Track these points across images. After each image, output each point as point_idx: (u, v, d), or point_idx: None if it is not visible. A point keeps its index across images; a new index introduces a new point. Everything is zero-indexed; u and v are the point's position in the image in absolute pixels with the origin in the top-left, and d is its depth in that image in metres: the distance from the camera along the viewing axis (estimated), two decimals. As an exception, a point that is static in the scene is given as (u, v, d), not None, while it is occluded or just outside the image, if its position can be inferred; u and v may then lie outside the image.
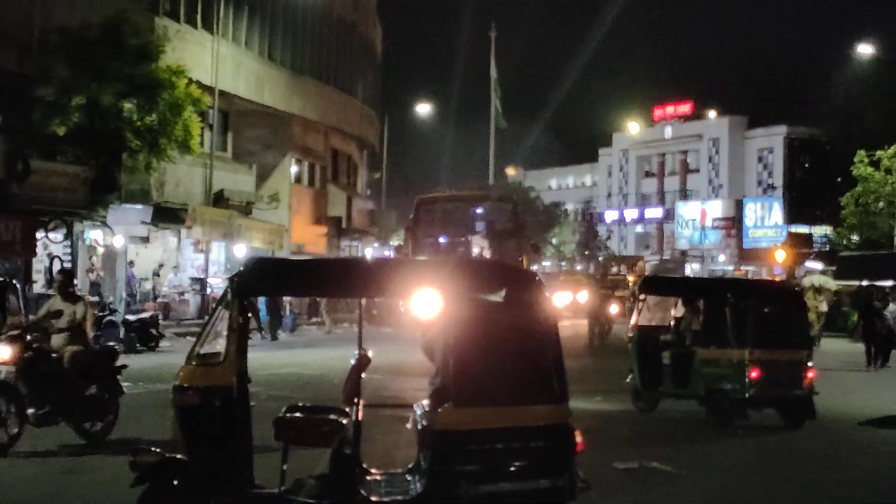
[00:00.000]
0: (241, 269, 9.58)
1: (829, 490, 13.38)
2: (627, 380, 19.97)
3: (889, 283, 42.51)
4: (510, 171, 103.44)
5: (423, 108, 78.41)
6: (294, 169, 52.32)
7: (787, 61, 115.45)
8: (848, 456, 15.84)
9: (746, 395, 17.87)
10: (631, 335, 20.04)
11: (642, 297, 20.46)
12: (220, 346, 9.11)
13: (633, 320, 20.30)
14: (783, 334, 18.47)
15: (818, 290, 45.47)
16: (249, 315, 9.39)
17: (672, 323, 20.44)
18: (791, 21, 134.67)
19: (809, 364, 18.42)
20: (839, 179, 68.48)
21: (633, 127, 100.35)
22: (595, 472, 11.76)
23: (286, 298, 37.52)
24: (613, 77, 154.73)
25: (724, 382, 18.07)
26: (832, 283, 49.95)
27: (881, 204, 63.25)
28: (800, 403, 18.25)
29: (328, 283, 9.67)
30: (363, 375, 9.80)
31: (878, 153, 62.60)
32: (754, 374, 17.73)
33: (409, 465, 9.84)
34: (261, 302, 37.70)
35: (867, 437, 17.72)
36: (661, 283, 25.15)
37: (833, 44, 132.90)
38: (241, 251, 40.89)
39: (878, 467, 15.03)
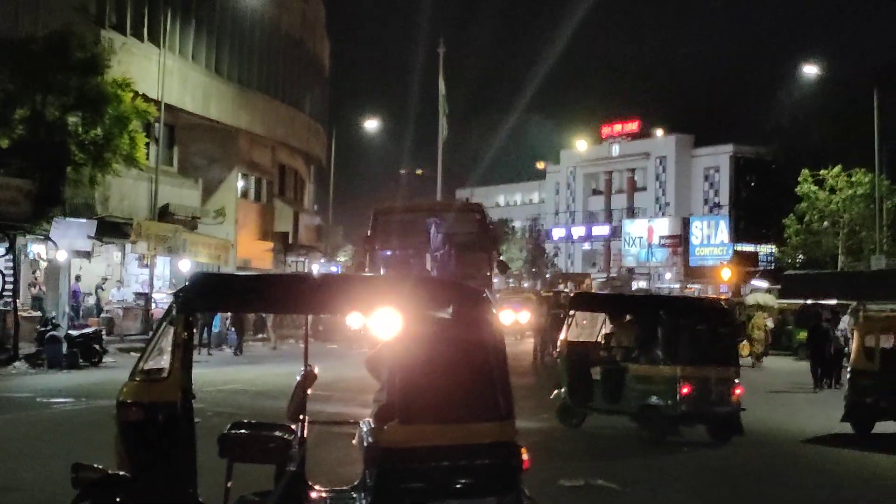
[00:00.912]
0: (186, 284, 9.53)
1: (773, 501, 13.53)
2: (552, 396, 20.12)
3: (832, 301, 42.97)
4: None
5: (372, 124, 78.42)
6: (240, 183, 52.13)
7: (733, 81, 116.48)
8: (790, 473, 16.00)
9: (678, 412, 18.09)
10: (559, 351, 20.29)
11: (571, 312, 20.64)
12: (164, 361, 9.04)
13: (561, 336, 20.43)
14: (712, 351, 18.81)
15: (762, 308, 46.12)
16: (195, 331, 9.34)
17: (601, 339, 20.66)
18: (737, 42, 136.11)
19: (737, 381, 18.83)
20: (784, 198, 69.17)
21: (581, 145, 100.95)
22: (541, 489, 11.81)
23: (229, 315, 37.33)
24: (562, 96, 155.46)
25: (656, 398, 18.31)
26: (774, 302, 50.69)
27: (825, 223, 64.06)
28: (728, 419, 18.58)
29: (274, 298, 9.62)
30: (309, 392, 9.77)
31: (823, 172, 63.44)
32: (685, 391, 18.02)
33: (355, 483, 9.81)
34: (217, 319, 37.73)
35: (809, 455, 17.93)
36: (591, 300, 25.68)
37: (778, 64, 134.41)
38: (187, 266, 40.64)
39: (818, 484, 15.19)
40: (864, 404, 20.30)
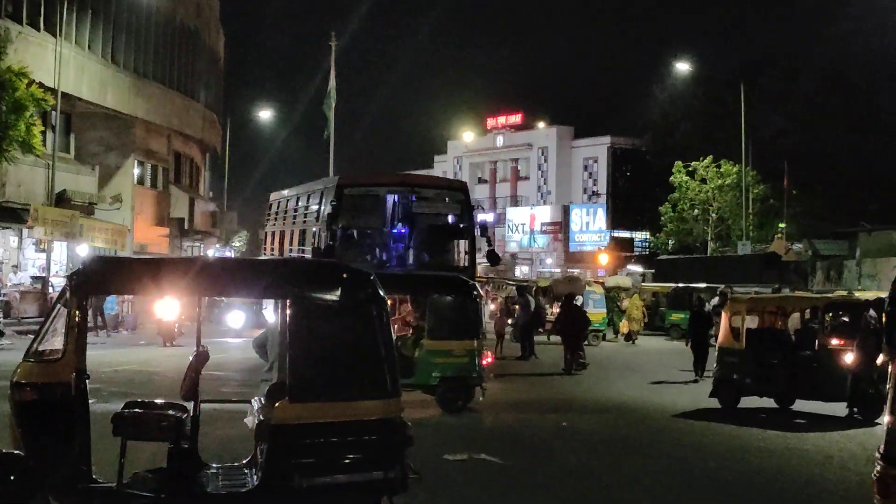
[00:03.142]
0: (81, 267, 9.36)
1: (647, 476, 13.73)
2: None
3: (702, 284, 43.82)
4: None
5: (265, 114, 77.83)
6: (137, 170, 51.32)
7: (612, 75, 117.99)
8: (663, 446, 16.27)
9: (437, 381, 19.11)
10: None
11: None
12: (58, 343, 8.89)
13: None
14: (459, 326, 19.39)
15: (622, 290, 47.19)
16: (88, 312, 9.18)
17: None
18: (614, 37, 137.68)
19: (483, 352, 19.56)
20: (658, 188, 70.32)
21: (467, 136, 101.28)
22: (427, 464, 11.85)
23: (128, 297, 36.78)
24: (449, 88, 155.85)
25: (439, 370, 19.19)
26: (629, 284, 51.77)
27: (696, 211, 65.27)
28: (472, 387, 19.33)
29: (168, 281, 9.51)
30: (202, 372, 9.68)
31: (694, 163, 64.60)
32: (438, 360, 19.14)
33: (246, 459, 9.76)
34: (113, 301, 37.26)
35: (680, 428, 18.27)
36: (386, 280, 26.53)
37: (653, 59, 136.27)
38: (83, 251, 39.92)
39: (687, 456, 15.47)
40: (731, 381, 20.74)
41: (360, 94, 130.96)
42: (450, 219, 26.80)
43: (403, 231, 25.85)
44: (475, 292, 19.86)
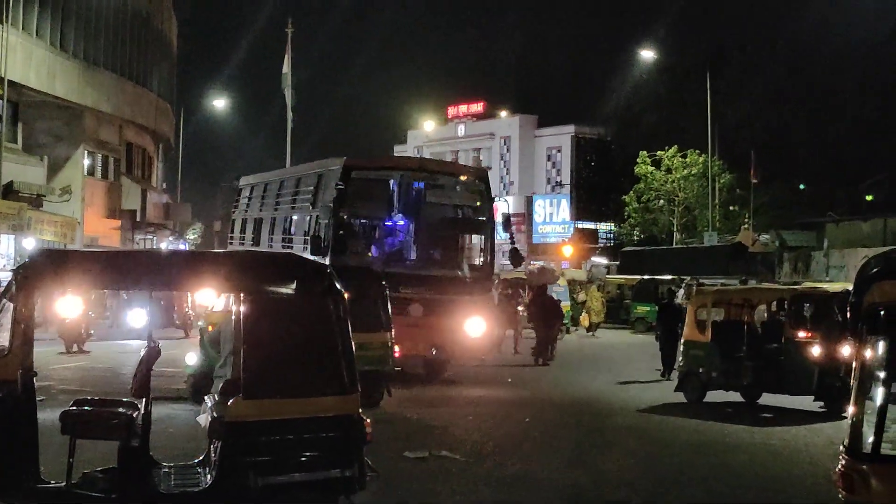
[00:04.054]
0: (27, 261, 9.27)
1: (612, 472, 13.78)
2: None
3: (667, 276, 44.05)
4: None
5: (220, 103, 77.40)
6: (87, 161, 50.89)
7: (575, 63, 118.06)
8: (628, 441, 16.35)
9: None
10: None
11: None
12: (3, 339, 8.80)
13: None
14: (372, 318, 19.01)
15: (576, 282, 47.60)
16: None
17: None
18: (578, 25, 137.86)
19: (391, 345, 19.34)
20: (623, 178, 70.55)
21: (427, 125, 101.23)
22: (386, 461, 11.85)
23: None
24: (409, 76, 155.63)
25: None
26: (584, 276, 52.13)
27: (661, 201, 65.56)
28: (385, 379, 18.99)
29: (117, 275, 9.43)
30: (153, 368, 9.62)
31: (659, 153, 64.86)
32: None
33: (200, 458, 9.72)
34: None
35: (645, 424, 18.36)
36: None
37: (617, 47, 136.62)
38: (31, 244, 39.57)
39: (653, 452, 15.56)
40: (696, 375, 20.86)
41: (318, 84, 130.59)
42: (468, 211, 25.29)
43: (413, 223, 24.43)
44: (384, 282, 19.46)
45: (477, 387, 23.04)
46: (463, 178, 25.85)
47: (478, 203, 24.75)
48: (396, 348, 19.84)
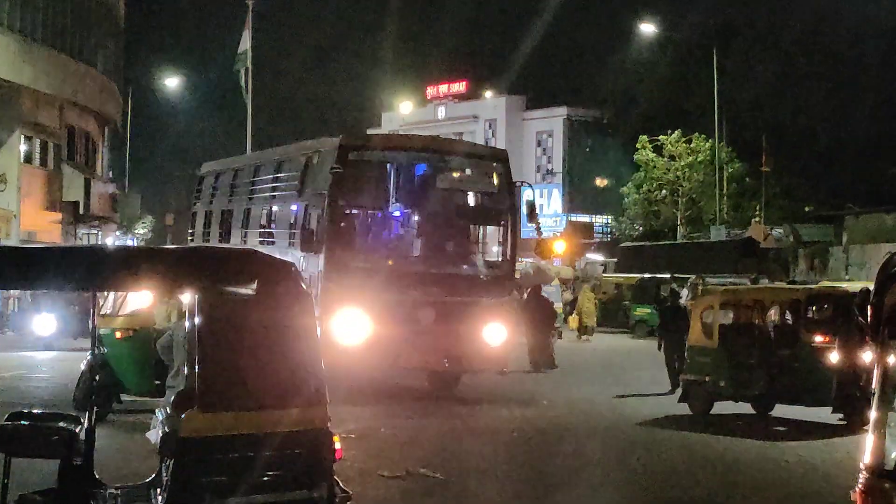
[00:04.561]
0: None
1: (608, 492, 13.82)
2: None
3: (670, 275, 44.12)
4: None
5: (173, 83, 77.15)
6: (23, 147, 50.70)
7: (568, 39, 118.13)
8: (627, 458, 16.38)
9: None
10: None
11: None
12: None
13: None
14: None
15: (565, 281, 47.74)
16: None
17: None
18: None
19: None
20: (622, 165, 70.61)
21: (404, 106, 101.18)
22: (359, 481, 11.85)
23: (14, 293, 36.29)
24: (385, 53, 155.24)
25: None
26: (570, 274, 52.22)
27: (663, 192, 65.52)
28: None
29: (55, 274, 9.35)
30: (97, 378, 9.59)
31: (662, 138, 64.70)
32: None
33: (150, 478, 9.69)
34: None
35: (646, 439, 18.40)
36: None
37: (614, 21, 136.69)
38: (-38, 240, 39.48)
39: (655, 470, 15.61)
40: (702, 384, 20.88)
41: (283, 62, 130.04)
42: (485, 198, 23.98)
43: (420, 212, 23.51)
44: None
45: (460, 395, 22.98)
46: (479, 159, 24.40)
47: (497, 188, 23.40)
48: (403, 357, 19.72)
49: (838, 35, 69.36)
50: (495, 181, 23.33)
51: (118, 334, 17.65)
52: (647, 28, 67.63)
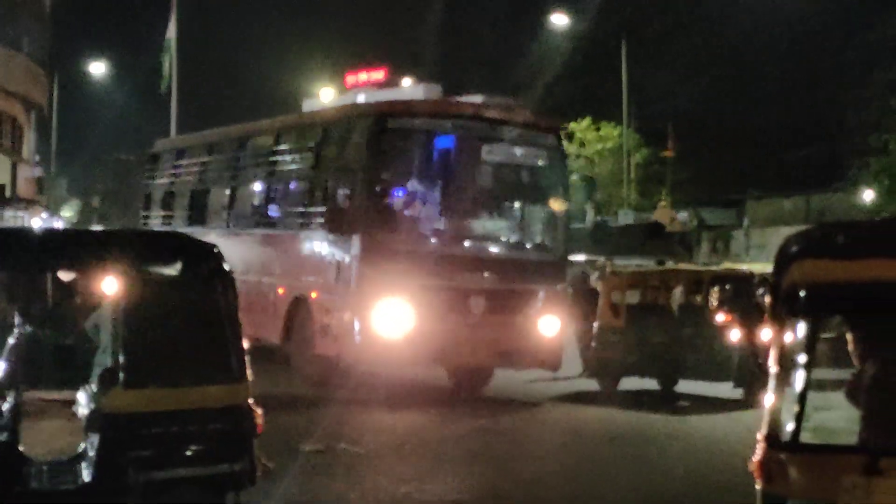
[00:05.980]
0: None
1: (519, 464, 13.89)
2: None
3: (580, 257, 44.34)
4: None
5: (99, 68, 76.08)
6: (-51, 131, 49.92)
7: (483, 29, 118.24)
8: (539, 432, 16.51)
9: None
10: None
11: None
12: None
13: None
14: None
15: None
16: None
17: None
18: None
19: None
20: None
21: (325, 94, 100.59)
22: (280, 455, 11.80)
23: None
24: (305, 40, 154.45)
25: None
26: None
27: (574, 177, 65.77)
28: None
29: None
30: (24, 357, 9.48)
31: (572, 125, 65.04)
32: None
33: (76, 453, 9.59)
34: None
35: (556, 414, 18.54)
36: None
37: (528, 12, 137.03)
38: None
39: (565, 441, 15.74)
40: (610, 361, 21.06)
41: (205, 46, 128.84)
42: (537, 174, 20.69)
43: (466, 189, 19.95)
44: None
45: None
46: (535, 129, 20.74)
47: (550, 163, 20.45)
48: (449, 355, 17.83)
49: (743, 25, 70.12)
50: (549, 154, 20.41)
51: None
52: (561, 19, 67.80)
